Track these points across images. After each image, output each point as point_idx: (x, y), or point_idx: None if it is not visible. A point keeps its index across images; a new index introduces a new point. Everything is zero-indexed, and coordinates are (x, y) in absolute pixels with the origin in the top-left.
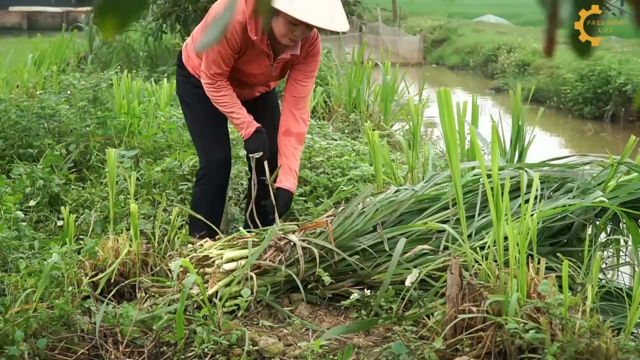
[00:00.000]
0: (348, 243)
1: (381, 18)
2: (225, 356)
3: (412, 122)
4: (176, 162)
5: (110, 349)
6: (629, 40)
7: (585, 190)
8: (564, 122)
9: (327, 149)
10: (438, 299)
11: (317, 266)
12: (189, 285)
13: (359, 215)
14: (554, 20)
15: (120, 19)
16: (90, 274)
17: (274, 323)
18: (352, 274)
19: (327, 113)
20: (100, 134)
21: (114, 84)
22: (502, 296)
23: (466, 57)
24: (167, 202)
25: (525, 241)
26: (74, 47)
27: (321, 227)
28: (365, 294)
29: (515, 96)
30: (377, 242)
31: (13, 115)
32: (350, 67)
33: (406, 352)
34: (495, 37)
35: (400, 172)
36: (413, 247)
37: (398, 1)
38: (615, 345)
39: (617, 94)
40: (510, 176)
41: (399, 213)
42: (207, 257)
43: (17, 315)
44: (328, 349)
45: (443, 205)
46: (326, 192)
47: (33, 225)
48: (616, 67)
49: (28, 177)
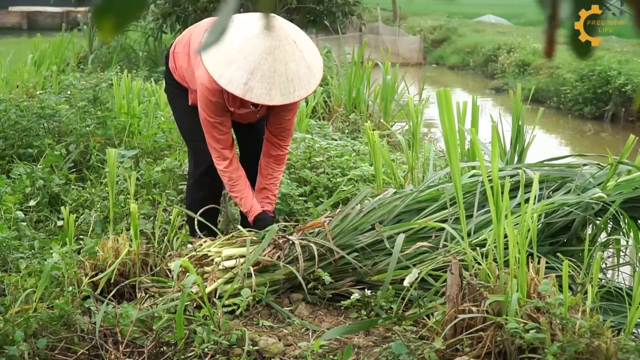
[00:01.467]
0: (347, 242)
1: (381, 18)
2: (225, 356)
3: (412, 122)
4: (176, 162)
5: (110, 349)
6: (629, 40)
7: (585, 189)
8: (564, 122)
9: (327, 149)
10: (438, 298)
11: (316, 265)
12: (189, 285)
13: (357, 214)
14: (554, 21)
15: (118, 19)
16: (90, 274)
17: (274, 323)
18: (352, 272)
19: (327, 113)
20: (100, 134)
21: (114, 84)
22: (502, 296)
23: (466, 57)
24: (167, 202)
25: (525, 240)
26: (73, 47)
27: (319, 228)
28: (365, 293)
29: (515, 96)
30: (376, 240)
31: (13, 115)
32: (350, 67)
33: (406, 352)
34: (495, 37)
35: (400, 172)
36: (412, 245)
37: (398, 1)
38: (615, 345)
39: (617, 94)
40: (510, 175)
41: (397, 212)
42: (206, 256)
43: (17, 315)
44: (328, 349)
45: (442, 205)
46: (326, 192)
47: (33, 225)
48: (616, 67)
49: (28, 177)
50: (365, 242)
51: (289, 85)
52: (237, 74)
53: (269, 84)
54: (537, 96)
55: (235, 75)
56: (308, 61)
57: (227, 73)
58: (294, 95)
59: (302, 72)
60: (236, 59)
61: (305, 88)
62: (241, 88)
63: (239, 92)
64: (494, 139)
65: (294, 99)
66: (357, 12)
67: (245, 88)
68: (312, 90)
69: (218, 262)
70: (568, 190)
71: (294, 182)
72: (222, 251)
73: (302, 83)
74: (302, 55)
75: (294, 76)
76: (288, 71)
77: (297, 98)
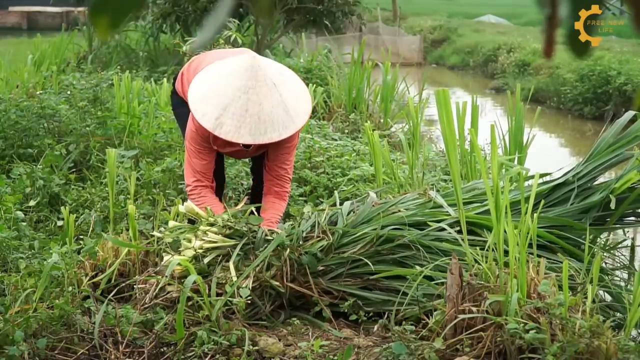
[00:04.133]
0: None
1: (381, 18)
2: (225, 356)
3: (412, 122)
4: (176, 162)
5: (110, 349)
6: (629, 40)
7: (587, 190)
8: (564, 122)
9: (327, 149)
10: (437, 299)
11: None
12: (189, 285)
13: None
14: (553, 21)
15: (115, 17)
16: (90, 274)
17: (274, 323)
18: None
19: (327, 113)
20: (100, 134)
21: (114, 84)
22: (502, 296)
23: (466, 57)
24: (167, 202)
25: (525, 241)
26: (73, 47)
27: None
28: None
29: (514, 96)
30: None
31: (13, 115)
32: (350, 67)
33: (406, 352)
34: (495, 37)
35: (400, 172)
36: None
37: (398, 1)
38: (615, 345)
39: (617, 94)
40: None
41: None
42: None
43: (17, 315)
44: (328, 349)
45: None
46: (326, 192)
47: (33, 225)
48: (616, 67)
49: (28, 177)
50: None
51: (259, 126)
52: (211, 109)
53: (239, 122)
54: (537, 96)
55: (209, 110)
56: (287, 105)
57: (202, 107)
58: (264, 137)
59: (278, 115)
60: (213, 94)
61: (279, 132)
62: (212, 122)
63: (209, 126)
64: (493, 139)
65: (264, 141)
66: (357, 12)
67: (216, 123)
68: (287, 134)
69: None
70: (570, 190)
71: (294, 182)
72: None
73: (276, 126)
74: (281, 99)
75: (266, 118)
76: (261, 112)
77: (267, 140)
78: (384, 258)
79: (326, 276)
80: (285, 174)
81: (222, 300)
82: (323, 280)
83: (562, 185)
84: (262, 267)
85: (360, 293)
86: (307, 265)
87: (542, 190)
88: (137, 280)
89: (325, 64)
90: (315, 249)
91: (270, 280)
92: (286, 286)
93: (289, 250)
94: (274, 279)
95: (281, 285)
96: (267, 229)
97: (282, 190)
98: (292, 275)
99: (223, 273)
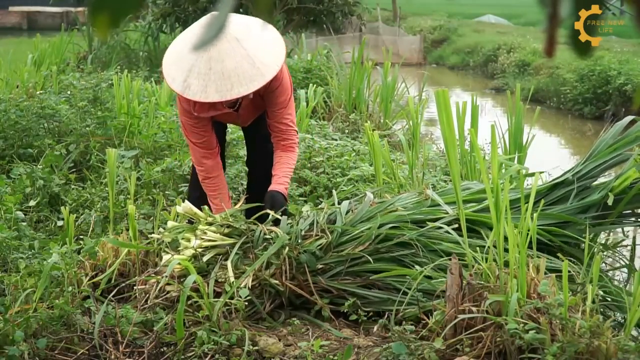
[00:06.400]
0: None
1: (381, 18)
2: (225, 356)
3: (412, 123)
4: (176, 162)
5: (110, 349)
6: (629, 40)
7: (586, 190)
8: (564, 122)
9: (327, 149)
10: (436, 299)
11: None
12: (189, 285)
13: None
14: (554, 21)
15: (114, 16)
16: (90, 274)
17: (273, 323)
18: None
19: (327, 113)
20: (100, 134)
21: (114, 84)
22: (502, 296)
23: (466, 57)
24: (167, 202)
25: (525, 241)
26: (73, 47)
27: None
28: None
29: (514, 96)
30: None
31: (13, 115)
32: (350, 67)
33: (406, 352)
34: (495, 37)
35: (400, 172)
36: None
37: (398, 1)
38: (615, 345)
39: (617, 94)
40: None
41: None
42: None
43: (17, 315)
44: (328, 349)
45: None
46: (326, 192)
47: (33, 225)
48: (616, 67)
49: (28, 177)
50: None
51: (225, 83)
52: (178, 73)
53: (204, 81)
54: (537, 96)
55: (177, 74)
56: (254, 58)
57: (171, 72)
58: (232, 93)
59: (243, 69)
60: (179, 59)
61: (247, 86)
62: (181, 85)
63: (179, 89)
64: (493, 139)
65: (233, 96)
66: (357, 12)
67: (184, 85)
68: (254, 87)
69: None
70: (569, 190)
71: (294, 182)
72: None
73: (243, 81)
74: (246, 53)
75: (231, 73)
76: (224, 68)
77: (236, 95)
78: (382, 256)
79: (325, 274)
80: (287, 128)
81: (222, 300)
82: (322, 278)
83: (561, 185)
84: (261, 265)
85: (359, 292)
86: (306, 264)
87: (541, 189)
88: (137, 281)
89: (325, 64)
90: (314, 247)
91: (269, 278)
92: (285, 285)
93: (287, 249)
94: (273, 278)
95: (280, 284)
96: (266, 228)
97: (289, 142)
98: (291, 274)
99: (222, 271)
